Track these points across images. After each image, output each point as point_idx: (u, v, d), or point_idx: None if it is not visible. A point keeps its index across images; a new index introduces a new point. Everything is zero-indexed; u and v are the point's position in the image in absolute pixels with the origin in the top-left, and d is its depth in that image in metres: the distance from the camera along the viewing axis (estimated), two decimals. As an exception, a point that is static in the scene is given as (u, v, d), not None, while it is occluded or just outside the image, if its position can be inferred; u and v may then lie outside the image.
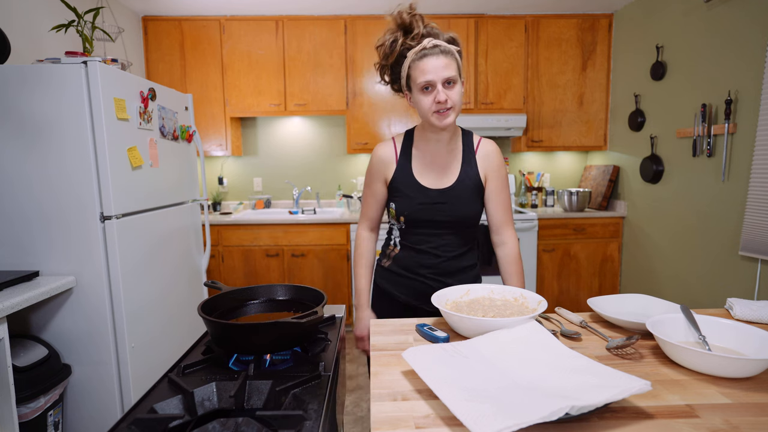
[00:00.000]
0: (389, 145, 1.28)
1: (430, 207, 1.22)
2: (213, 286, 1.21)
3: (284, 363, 0.96)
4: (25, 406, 1.55)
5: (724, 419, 0.63)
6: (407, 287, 1.29)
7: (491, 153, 1.26)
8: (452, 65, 1.12)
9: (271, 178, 3.72)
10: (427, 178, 1.24)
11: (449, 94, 1.13)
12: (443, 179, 1.24)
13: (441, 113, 1.14)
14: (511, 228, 1.31)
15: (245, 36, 3.26)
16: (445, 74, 1.11)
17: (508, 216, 1.30)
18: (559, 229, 3.22)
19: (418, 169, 1.25)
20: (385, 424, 0.64)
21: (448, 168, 1.25)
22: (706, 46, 2.46)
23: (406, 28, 1.16)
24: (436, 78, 1.11)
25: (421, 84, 1.13)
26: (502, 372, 0.72)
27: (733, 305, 1.06)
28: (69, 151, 1.69)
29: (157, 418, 0.73)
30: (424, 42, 1.13)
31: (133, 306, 1.85)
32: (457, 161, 1.25)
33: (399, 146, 1.28)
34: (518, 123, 3.28)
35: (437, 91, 1.12)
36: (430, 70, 1.11)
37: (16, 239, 1.71)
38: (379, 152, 1.28)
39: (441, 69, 1.11)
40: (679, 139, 2.69)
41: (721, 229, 2.40)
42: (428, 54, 1.12)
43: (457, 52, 1.16)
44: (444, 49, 1.12)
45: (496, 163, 1.26)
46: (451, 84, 1.13)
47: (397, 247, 1.31)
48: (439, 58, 1.11)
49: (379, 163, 1.28)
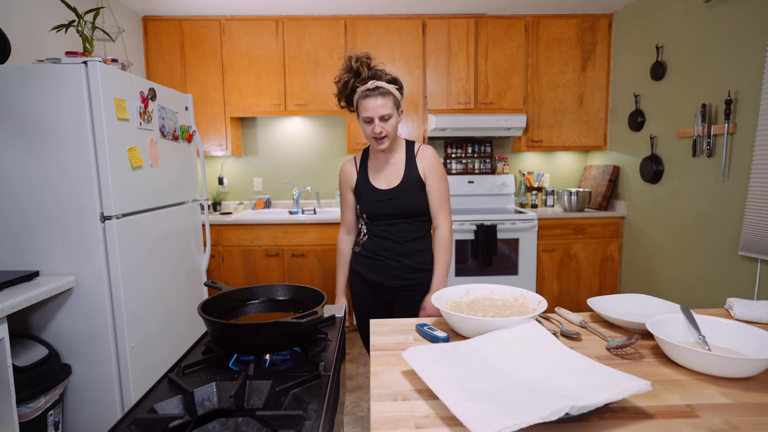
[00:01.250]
0: (351, 162, 1.65)
1: (383, 203, 1.56)
2: (213, 286, 1.21)
3: (284, 363, 0.95)
4: (25, 406, 1.55)
5: (724, 419, 0.63)
6: (373, 267, 1.61)
7: (428, 156, 1.57)
8: (388, 104, 1.44)
9: (271, 178, 3.72)
10: (379, 182, 1.58)
11: (384, 126, 1.46)
12: (391, 181, 1.57)
13: (378, 140, 1.49)
14: (444, 216, 1.60)
15: (245, 36, 3.26)
16: (381, 112, 1.44)
17: (443, 206, 1.59)
18: (559, 229, 3.22)
19: (373, 176, 1.60)
20: (385, 424, 0.64)
21: (395, 172, 1.57)
22: (706, 46, 2.46)
23: (355, 72, 1.46)
24: (374, 114, 1.44)
25: (363, 118, 1.47)
26: (502, 372, 0.72)
27: (733, 305, 1.06)
28: (69, 151, 1.69)
29: (157, 418, 0.73)
30: (368, 84, 1.44)
31: (133, 306, 1.85)
32: (401, 166, 1.57)
33: (358, 162, 1.64)
34: (518, 123, 3.28)
35: (374, 125, 1.45)
36: (369, 108, 1.44)
37: (16, 239, 1.71)
38: (345, 169, 1.66)
39: (378, 108, 1.43)
40: (679, 139, 2.69)
41: (720, 229, 2.40)
42: (369, 95, 1.43)
43: (396, 90, 1.47)
44: (382, 91, 1.43)
45: (432, 163, 1.57)
46: (386, 118, 1.45)
47: (365, 236, 1.64)
48: (377, 99, 1.43)
49: (346, 177, 1.66)
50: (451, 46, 3.31)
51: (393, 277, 1.58)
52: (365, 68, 1.45)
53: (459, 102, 3.35)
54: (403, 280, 1.58)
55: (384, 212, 1.56)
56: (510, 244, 3.16)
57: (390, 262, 1.57)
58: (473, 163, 3.69)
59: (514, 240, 3.16)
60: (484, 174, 3.66)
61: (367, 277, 1.63)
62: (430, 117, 3.34)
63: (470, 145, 3.67)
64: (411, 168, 1.56)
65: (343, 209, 1.70)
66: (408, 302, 1.60)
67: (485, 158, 3.69)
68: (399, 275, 1.58)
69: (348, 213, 1.70)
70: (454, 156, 3.67)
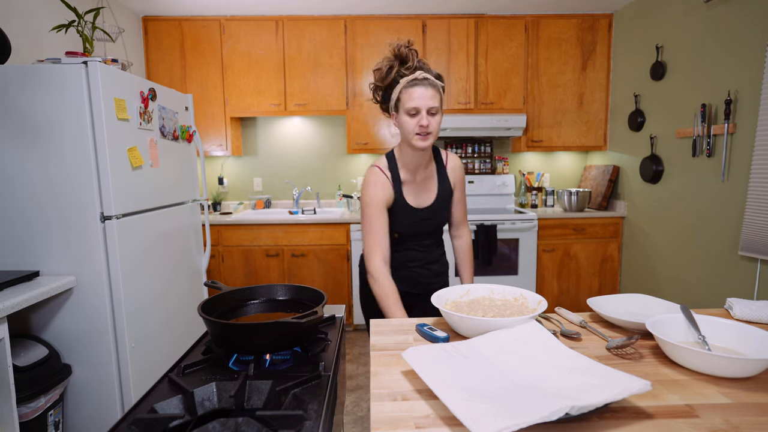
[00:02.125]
0: (382, 177, 1.39)
1: (418, 223, 1.44)
2: (213, 286, 1.21)
3: (284, 363, 0.96)
4: (26, 406, 1.55)
5: (724, 419, 0.63)
6: (398, 278, 1.48)
7: (457, 167, 1.50)
8: (437, 97, 1.29)
9: (271, 178, 3.72)
10: (415, 199, 1.43)
11: (431, 121, 1.29)
12: (425, 198, 1.44)
13: (422, 136, 1.30)
14: (467, 225, 1.58)
15: (245, 36, 3.26)
16: (430, 103, 1.28)
17: (465, 216, 1.57)
18: (559, 229, 3.22)
19: (408, 192, 1.43)
20: (385, 424, 0.64)
21: (429, 188, 1.45)
22: (706, 46, 2.46)
23: (402, 59, 1.32)
24: (422, 105, 1.27)
25: (409, 108, 1.29)
26: (502, 372, 0.72)
27: (732, 305, 1.06)
28: (69, 151, 1.69)
29: (157, 418, 0.73)
30: (416, 73, 1.30)
31: (134, 306, 1.85)
32: (435, 180, 1.46)
33: (389, 175, 1.41)
34: (518, 123, 3.29)
35: (421, 116, 1.28)
36: (417, 97, 1.27)
37: (16, 239, 1.71)
38: (379, 181, 1.39)
39: (428, 98, 1.27)
40: (679, 139, 2.69)
41: (720, 229, 2.40)
42: (418, 84, 1.28)
43: (441, 88, 1.33)
44: (432, 83, 1.29)
45: (461, 174, 1.51)
46: (434, 113, 1.30)
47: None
48: (428, 88, 1.27)
49: (382, 191, 1.38)
50: (451, 46, 3.31)
51: (419, 284, 1.51)
52: (414, 56, 1.31)
53: (459, 102, 3.35)
54: (427, 285, 1.53)
55: (417, 231, 1.45)
56: (510, 244, 3.16)
57: (418, 270, 1.50)
58: (473, 163, 3.69)
59: (514, 240, 3.16)
60: (484, 174, 3.66)
61: None
62: (430, 117, 3.34)
63: (470, 145, 3.67)
64: (443, 182, 1.46)
65: (378, 233, 1.36)
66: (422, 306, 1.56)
67: (485, 158, 3.69)
68: (425, 281, 1.52)
69: (384, 237, 1.37)
70: (454, 156, 3.67)
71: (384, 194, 1.38)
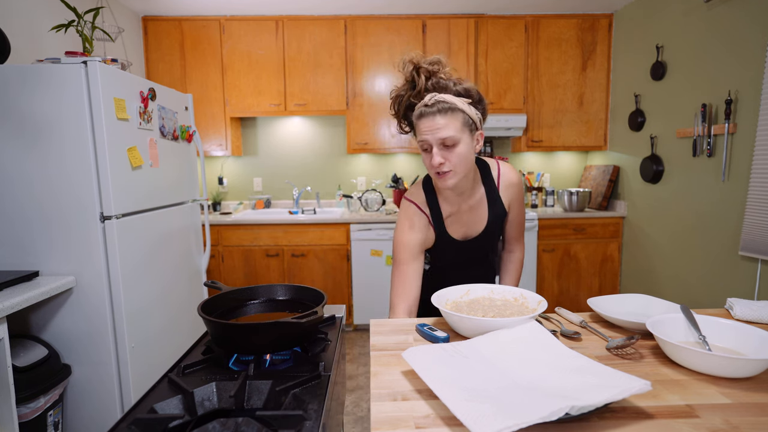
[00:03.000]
0: (418, 214, 1.20)
1: (463, 254, 1.26)
2: (213, 286, 1.21)
3: (284, 363, 0.95)
4: (25, 406, 1.55)
5: (724, 419, 0.63)
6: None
7: (513, 184, 1.26)
8: (451, 125, 1.04)
9: (271, 178, 3.72)
10: (460, 230, 1.23)
11: (447, 156, 1.06)
12: (473, 228, 1.24)
13: (440, 175, 1.09)
14: (522, 241, 1.38)
15: (245, 36, 3.26)
16: (441, 135, 1.05)
17: (522, 232, 1.36)
18: (559, 229, 3.22)
19: (452, 224, 1.22)
20: (385, 424, 0.64)
21: (479, 216, 1.23)
22: (706, 46, 2.46)
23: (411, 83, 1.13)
24: (430, 139, 1.06)
25: (419, 142, 1.10)
26: (502, 372, 0.72)
27: (733, 305, 1.06)
28: (69, 151, 1.68)
29: (157, 418, 0.73)
30: (425, 98, 1.08)
31: (133, 306, 1.85)
32: (484, 207, 1.23)
33: (428, 210, 1.20)
34: (518, 123, 3.28)
35: (432, 154, 1.07)
36: (424, 131, 1.07)
37: (16, 239, 1.71)
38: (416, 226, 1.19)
39: (437, 130, 1.05)
40: (679, 139, 2.69)
41: (721, 229, 2.40)
42: (425, 114, 1.06)
43: (468, 104, 1.08)
44: (442, 108, 1.05)
45: (519, 191, 1.28)
46: (451, 145, 1.06)
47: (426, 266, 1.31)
48: (435, 118, 1.05)
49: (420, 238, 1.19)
50: (451, 46, 3.31)
51: None
52: (422, 77, 1.10)
53: (459, 102, 3.35)
54: None
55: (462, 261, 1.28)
56: (510, 244, 3.16)
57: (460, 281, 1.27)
58: (473, 163, 3.68)
59: (514, 240, 3.15)
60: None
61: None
62: (430, 117, 3.34)
63: (470, 145, 3.67)
64: (495, 207, 1.23)
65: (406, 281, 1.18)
66: None
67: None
68: None
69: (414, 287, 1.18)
70: (454, 156, 3.67)
71: (421, 237, 1.19)
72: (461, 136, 1.06)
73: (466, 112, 1.07)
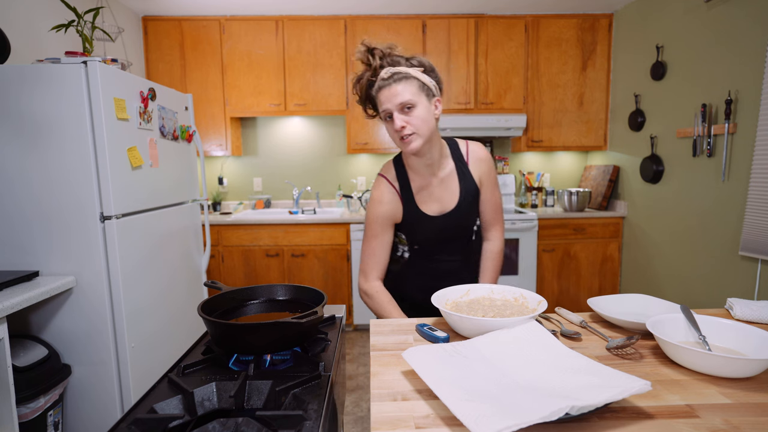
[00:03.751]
0: (388, 188, 1.26)
1: (438, 231, 1.26)
2: (213, 286, 1.21)
3: (284, 363, 0.95)
4: (25, 406, 1.55)
5: (724, 419, 0.63)
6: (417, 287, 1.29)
7: (482, 159, 1.29)
8: (408, 89, 1.11)
9: (271, 178, 3.72)
10: (431, 207, 1.26)
11: (407, 120, 1.12)
12: (446, 203, 1.26)
13: (404, 140, 1.14)
14: (500, 225, 1.35)
15: (245, 36, 3.26)
16: (399, 99, 1.11)
17: (498, 215, 1.34)
18: (559, 229, 3.22)
19: (422, 200, 1.26)
20: (385, 424, 0.64)
21: (448, 191, 1.26)
22: (706, 46, 2.46)
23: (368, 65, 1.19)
24: (390, 106, 1.12)
25: (383, 115, 1.16)
26: (502, 372, 0.72)
27: (733, 305, 1.06)
28: (69, 151, 1.68)
29: (157, 418, 0.73)
30: (381, 73, 1.15)
31: (133, 306, 1.85)
32: (455, 181, 1.26)
33: (397, 185, 1.26)
34: (518, 123, 3.29)
35: (394, 119, 1.13)
36: (384, 100, 1.13)
37: (16, 239, 1.71)
38: (385, 198, 1.25)
39: (395, 95, 1.11)
40: (679, 139, 2.69)
41: (721, 229, 2.40)
42: (382, 86, 1.14)
43: (422, 73, 1.15)
44: (398, 77, 1.12)
45: (488, 167, 1.29)
46: (410, 108, 1.12)
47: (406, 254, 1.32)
48: (392, 87, 1.12)
49: (388, 211, 1.25)
50: (451, 46, 3.31)
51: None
52: (376, 57, 1.17)
53: (459, 102, 3.35)
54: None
55: (440, 238, 1.28)
56: (510, 244, 3.16)
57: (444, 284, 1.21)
58: (473, 163, 3.68)
59: (514, 240, 3.16)
60: (484, 174, 3.66)
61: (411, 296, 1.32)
62: (430, 117, 3.34)
63: (470, 145, 3.67)
64: (466, 181, 1.26)
65: (377, 252, 1.27)
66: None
67: (485, 158, 3.69)
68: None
69: (384, 256, 1.27)
70: (454, 156, 3.67)
71: (389, 210, 1.25)
72: (418, 99, 1.13)
73: (420, 78, 1.14)
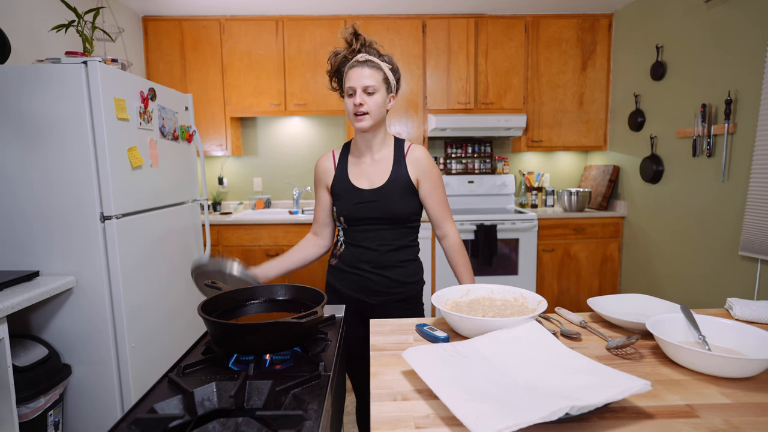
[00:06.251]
0: (328, 157, 1.45)
1: (365, 205, 1.35)
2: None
3: (284, 363, 0.95)
4: (25, 406, 1.55)
5: (724, 419, 0.63)
6: (351, 281, 1.40)
7: (420, 157, 1.38)
8: (374, 77, 1.28)
9: (271, 178, 3.72)
10: (361, 181, 1.38)
11: (366, 100, 1.28)
12: (375, 180, 1.37)
13: (358, 116, 1.30)
14: (450, 221, 1.43)
15: (245, 36, 3.26)
16: (365, 82, 1.27)
17: (445, 212, 1.42)
18: (559, 229, 3.22)
19: (354, 173, 1.40)
20: (385, 424, 0.64)
21: (380, 170, 1.38)
22: (706, 46, 2.46)
23: (348, 44, 1.34)
24: (356, 84, 1.28)
25: (346, 89, 1.31)
26: (502, 372, 0.72)
27: (733, 305, 1.06)
28: (69, 151, 1.68)
29: (157, 418, 0.73)
30: (357, 56, 1.31)
31: (133, 306, 1.85)
32: (388, 164, 1.38)
33: (337, 157, 1.44)
34: (518, 123, 3.28)
35: (356, 95, 1.28)
36: (353, 78, 1.29)
37: (16, 239, 1.71)
38: (320, 164, 1.45)
39: (363, 77, 1.27)
40: (679, 139, 2.69)
41: (721, 229, 2.40)
42: (355, 65, 1.29)
43: (389, 70, 1.33)
44: (371, 64, 1.29)
45: (426, 166, 1.38)
46: (371, 93, 1.29)
47: (342, 246, 1.43)
48: (363, 69, 1.28)
49: (321, 173, 1.45)
50: (451, 46, 3.31)
51: (374, 292, 1.37)
52: (359, 43, 1.32)
53: (459, 102, 3.35)
54: (386, 296, 1.37)
55: (364, 216, 1.35)
56: (510, 244, 3.16)
57: (370, 276, 1.36)
58: (473, 163, 3.69)
59: (514, 240, 3.16)
60: (484, 174, 3.66)
61: (345, 293, 1.41)
62: (430, 117, 3.34)
63: (470, 145, 3.67)
64: (399, 167, 1.36)
65: (316, 208, 1.49)
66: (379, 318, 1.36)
67: (485, 158, 3.69)
68: (381, 290, 1.37)
69: (319, 212, 1.48)
70: (454, 156, 3.67)
71: (321, 174, 1.44)
72: (380, 88, 1.30)
73: (386, 73, 1.32)
